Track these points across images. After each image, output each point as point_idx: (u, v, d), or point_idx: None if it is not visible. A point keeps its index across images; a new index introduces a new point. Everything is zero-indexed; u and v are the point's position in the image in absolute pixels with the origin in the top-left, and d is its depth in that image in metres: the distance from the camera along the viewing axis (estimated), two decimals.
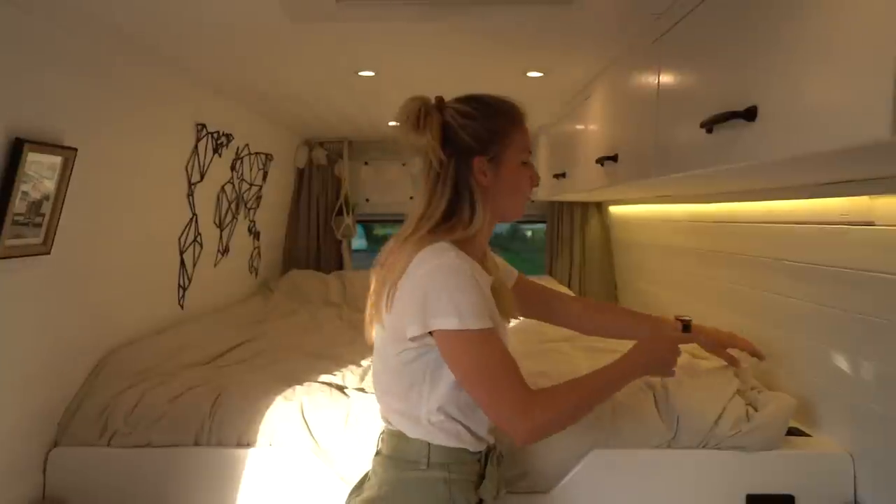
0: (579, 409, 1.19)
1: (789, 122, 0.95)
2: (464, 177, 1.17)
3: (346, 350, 2.38)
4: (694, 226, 2.40)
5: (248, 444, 1.67)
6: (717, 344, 1.61)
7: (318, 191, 4.03)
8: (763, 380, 1.83)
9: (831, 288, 1.54)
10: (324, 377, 1.94)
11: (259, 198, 3.33)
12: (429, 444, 1.16)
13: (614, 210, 3.67)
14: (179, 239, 2.44)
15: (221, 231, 2.87)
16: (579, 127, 2.55)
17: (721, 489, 1.53)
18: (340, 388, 1.83)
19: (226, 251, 2.95)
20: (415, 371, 1.14)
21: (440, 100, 1.20)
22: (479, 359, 1.09)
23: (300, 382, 1.85)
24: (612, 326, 1.61)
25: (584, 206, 3.93)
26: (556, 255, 4.02)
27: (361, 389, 1.83)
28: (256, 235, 3.44)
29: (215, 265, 2.86)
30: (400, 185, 4.13)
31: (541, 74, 2.22)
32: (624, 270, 3.68)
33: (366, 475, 1.31)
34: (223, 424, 1.68)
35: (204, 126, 2.45)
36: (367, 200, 4.20)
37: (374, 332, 1.22)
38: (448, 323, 1.06)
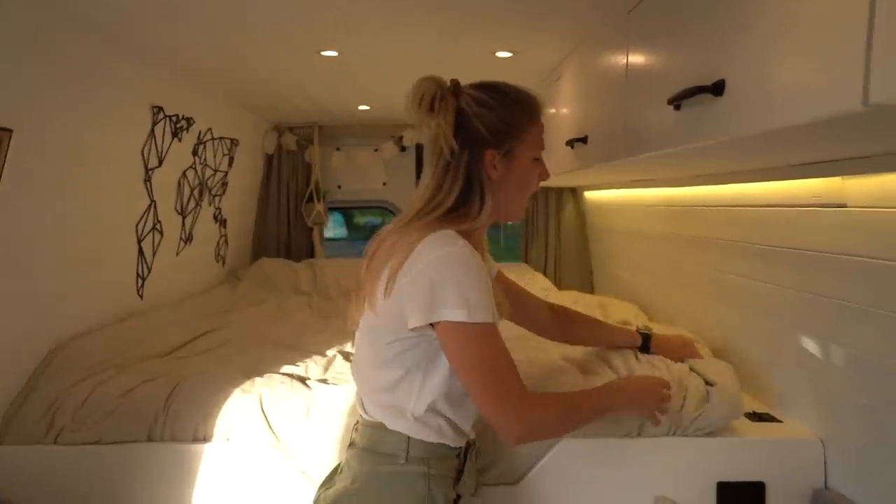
0: (570, 419, 1.19)
1: (758, 95, 0.90)
2: (475, 168, 1.13)
3: (313, 340, 2.32)
4: (669, 210, 2.37)
5: (205, 439, 1.60)
6: (676, 355, 1.64)
7: (288, 177, 3.93)
8: (733, 365, 1.81)
9: (803, 271, 1.51)
10: (286, 368, 1.87)
11: (225, 184, 3.22)
12: (408, 437, 1.12)
13: (589, 195, 3.64)
14: (137, 226, 2.34)
15: (184, 218, 2.77)
16: (551, 111, 2.50)
17: (691, 477, 1.50)
18: (302, 380, 1.77)
19: (189, 239, 2.85)
20: (408, 361, 1.10)
21: (456, 83, 1.15)
22: (482, 353, 1.06)
23: (261, 374, 1.78)
24: (578, 336, 1.66)
25: (559, 191, 3.89)
26: (531, 242, 3.98)
27: (324, 381, 1.77)
28: (223, 223, 3.33)
29: (178, 253, 2.76)
30: (372, 172, 4.04)
31: (510, 55, 2.16)
32: (599, 256, 3.65)
33: (337, 467, 1.27)
34: (178, 419, 1.61)
35: (161, 109, 2.34)
36: (339, 187, 4.11)
37: (361, 320, 1.16)
38: (456, 315, 1.02)
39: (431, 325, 1.06)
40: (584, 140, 1.89)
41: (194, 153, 2.77)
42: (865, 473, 1.35)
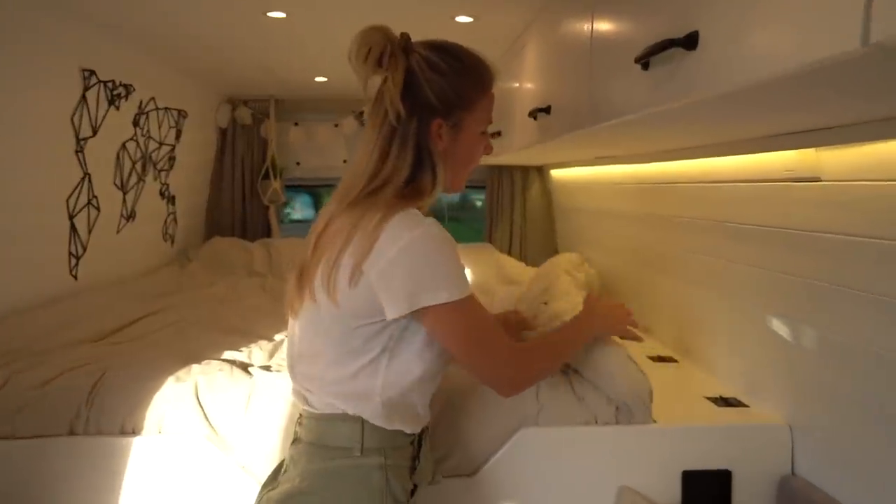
0: (556, 357, 1.22)
1: (736, 45, 0.80)
2: (423, 137, 1.03)
3: (263, 324, 2.18)
4: (636, 188, 2.29)
5: (133, 432, 1.47)
6: (516, 327, 1.54)
7: (243, 153, 3.75)
8: (701, 348, 1.75)
9: (774, 250, 1.44)
10: (227, 354, 1.74)
11: (172, 159, 3.04)
12: (362, 427, 1.04)
13: (556, 174, 3.55)
14: (68, 201, 2.16)
15: (125, 194, 2.59)
16: (515, 85, 2.38)
17: (656, 466, 1.43)
18: (244, 367, 1.64)
19: (131, 216, 2.67)
20: (376, 347, 1.03)
21: (407, 39, 1.03)
22: (469, 325, 1.04)
23: (200, 360, 1.64)
24: None
25: (525, 170, 3.79)
26: (496, 223, 3.88)
27: (267, 367, 1.64)
28: (171, 200, 3.15)
29: (118, 231, 2.58)
30: (332, 148, 3.88)
31: (471, 19, 2.03)
32: (566, 236, 3.57)
33: (280, 466, 1.15)
34: (103, 410, 1.47)
35: (93, 73, 2.15)
36: (298, 164, 3.94)
37: (307, 308, 1.05)
38: (438, 298, 0.98)
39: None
40: (547, 110, 1.78)
41: (135, 124, 2.58)
42: (833, 460, 1.30)
